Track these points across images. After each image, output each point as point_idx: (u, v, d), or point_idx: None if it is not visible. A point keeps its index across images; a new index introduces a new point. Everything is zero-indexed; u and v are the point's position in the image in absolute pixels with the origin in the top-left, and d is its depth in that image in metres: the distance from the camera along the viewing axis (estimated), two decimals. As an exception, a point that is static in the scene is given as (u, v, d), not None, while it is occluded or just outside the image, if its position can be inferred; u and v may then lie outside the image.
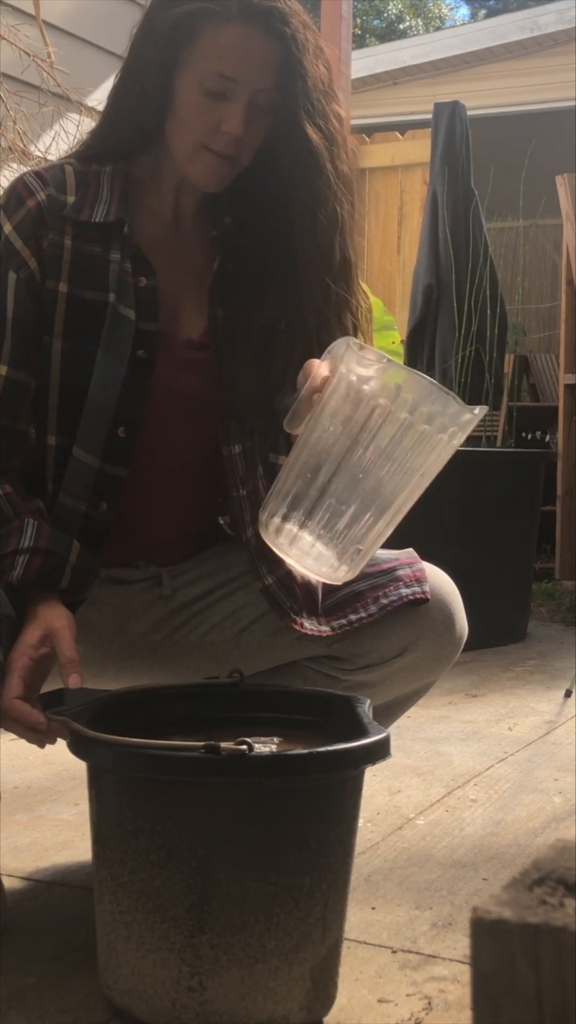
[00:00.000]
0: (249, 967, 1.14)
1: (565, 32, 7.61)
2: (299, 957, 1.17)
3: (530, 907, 0.53)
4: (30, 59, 3.35)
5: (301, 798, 1.17)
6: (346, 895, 1.24)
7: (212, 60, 1.38)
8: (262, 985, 1.15)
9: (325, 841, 1.18)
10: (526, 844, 1.83)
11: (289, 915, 1.15)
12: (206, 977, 1.14)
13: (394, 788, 2.10)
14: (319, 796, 1.18)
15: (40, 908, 1.55)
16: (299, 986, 1.17)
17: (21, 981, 1.33)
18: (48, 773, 2.17)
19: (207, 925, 1.13)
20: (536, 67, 7.76)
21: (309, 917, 1.17)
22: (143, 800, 1.17)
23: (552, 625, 4.15)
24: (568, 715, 2.73)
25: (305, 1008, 1.18)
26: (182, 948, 1.14)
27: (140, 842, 1.16)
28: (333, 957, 1.22)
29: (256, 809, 1.16)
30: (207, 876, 1.13)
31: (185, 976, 1.14)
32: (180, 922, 1.14)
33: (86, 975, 1.34)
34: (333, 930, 1.21)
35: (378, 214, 5.49)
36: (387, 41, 13.29)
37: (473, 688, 3.03)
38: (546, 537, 4.83)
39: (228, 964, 1.14)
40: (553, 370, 6.22)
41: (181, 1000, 1.15)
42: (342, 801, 1.21)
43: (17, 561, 1.37)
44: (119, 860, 1.18)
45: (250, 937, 1.14)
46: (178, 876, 1.14)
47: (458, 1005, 1.27)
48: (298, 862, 1.16)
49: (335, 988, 1.25)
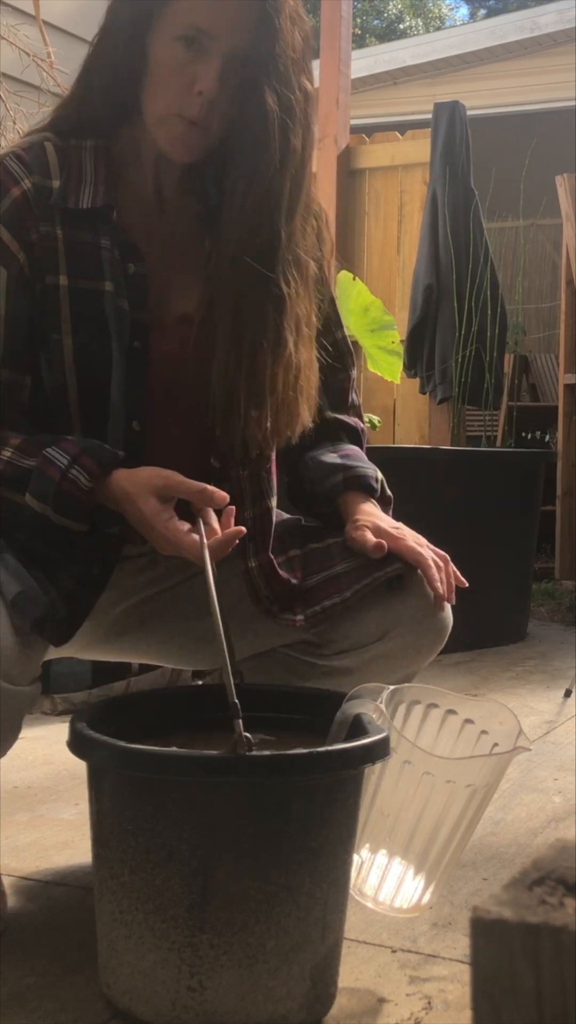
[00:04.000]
0: (249, 967, 1.14)
1: (565, 32, 7.61)
2: (299, 957, 1.17)
3: (530, 907, 0.53)
4: (30, 59, 3.35)
5: (302, 798, 1.17)
6: (346, 894, 1.24)
7: (187, 14, 1.37)
8: (262, 985, 1.15)
9: (326, 841, 1.18)
10: (526, 844, 1.83)
11: (289, 915, 1.15)
12: (206, 977, 1.14)
13: (394, 788, 2.10)
14: (320, 796, 1.18)
15: (40, 908, 1.55)
16: (299, 986, 1.17)
17: (21, 981, 1.33)
18: (48, 773, 2.17)
19: (207, 925, 1.13)
20: (536, 67, 7.77)
21: (309, 917, 1.17)
22: (143, 800, 1.17)
23: (552, 625, 4.15)
24: (568, 715, 2.73)
25: (305, 1007, 1.18)
26: (182, 948, 1.14)
27: (140, 842, 1.15)
28: (333, 957, 1.22)
29: (256, 809, 1.15)
30: (207, 876, 1.13)
31: (185, 976, 1.14)
32: (180, 922, 1.14)
33: (86, 975, 1.34)
34: (333, 930, 1.21)
35: (378, 214, 5.48)
36: (387, 41, 13.30)
37: (473, 688, 3.03)
38: (546, 537, 4.83)
39: (228, 964, 1.13)
40: (553, 370, 6.23)
41: (181, 1000, 1.14)
42: (343, 801, 1.20)
43: (72, 475, 1.36)
44: (119, 860, 1.18)
45: (250, 937, 1.14)
46: (178, 876, 1.13)
47: (458, 1005, 1.27)
48: (298, 862, 1.16)
49: (335, 988, 1.25)
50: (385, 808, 1.32)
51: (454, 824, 1.32)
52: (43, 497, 1.36)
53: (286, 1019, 1.17)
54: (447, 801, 1.31)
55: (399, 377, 4.24)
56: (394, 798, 1.31)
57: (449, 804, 1.31)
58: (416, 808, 1.31)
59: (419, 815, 1.32)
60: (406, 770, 1.30)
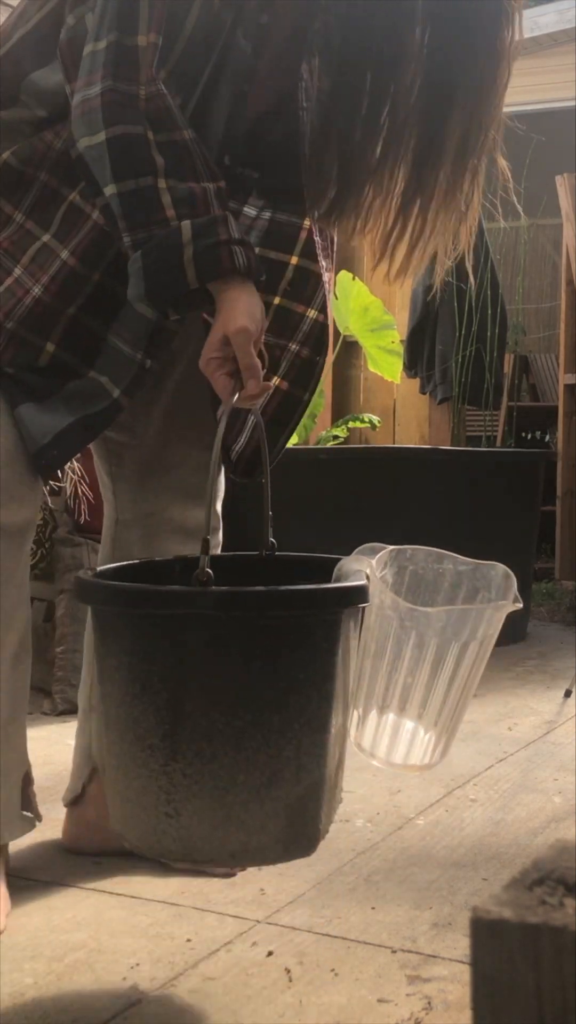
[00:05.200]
0: (220, 798, 1.19)
1: (565, 32, 7.61)
2: (271, 794, 1.21)
3: (530, 907, 0.53)
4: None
5: (267, 636, 1.21)
6: (326, 741, 1.26)
7: None
8: (234, 816, 1.20)
9: (295, 682, 1.22)
10: (526, 844, 1.83)
11: (259, 751, 1.19)
12: (180, 804, 1.20)
13: (394, 788, 2.10)
14: (289, 636, 1.22)
15: (40, 908, 1.55)
16: (273, 822, 1.21)
17: (21, 981, 1.33)
18: (48, 773, 2.17)
19: (179, 755, 1.19)
20: (536, 67, 7.76)
21: (281, 755, 1.21)
22: (121, 635, 1.24)
23: (552, 625, 4.15)
24: (568, 715, 2.74)
25: (281, 843, 1.23)
26: (158, 776, 1.20)
27: (121, 676, 1.23)
28: (312, 799, 1.25)
29: (220, 644, 1.20)
30: (177, 708, 1.19)
31: (162, 802, 1.20)
32: (156, 751, 1.20)
33: (86, 975, 1.34)
34: (310, 772, 1.24)
35: (378, 214, 5.48)
36: (387, 41, 13.26)
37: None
38: (546, 537, 4.83)
39: (200, 793, 1.19)
40: (553, 370, 6.22)
41: (160, 825, 1.21)
42: (314, 644, 1.23)
43: (235, 249, 1.37)
44: (108, 695, 1.26)
45: (220, 769, 1.19)
46: (152, 707, 1.20)
47: (458, 1005, 1.27)
48: (266, 700, 1.20)
49: (316, 832, 1.27)
50: (379, 666, 1.34)
51: (448, 680, 1.33)
52: (201, 236, 1.36)
53: (261, 851, 1.23)
54: (437, 657, 1.31)
55: (399, 377, 4.24)
56: (387, 656, 1.33)
57: (439, 660, 1.31)
58: (409, 666, 1.32)
59: (413, 672, 1.33)
60: (395, 627, 1.31)
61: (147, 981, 1.34)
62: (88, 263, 1.49)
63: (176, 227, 1.36)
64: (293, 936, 1.46)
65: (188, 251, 1.36)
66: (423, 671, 1.32)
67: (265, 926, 1.49)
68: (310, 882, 1.63)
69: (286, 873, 1.66)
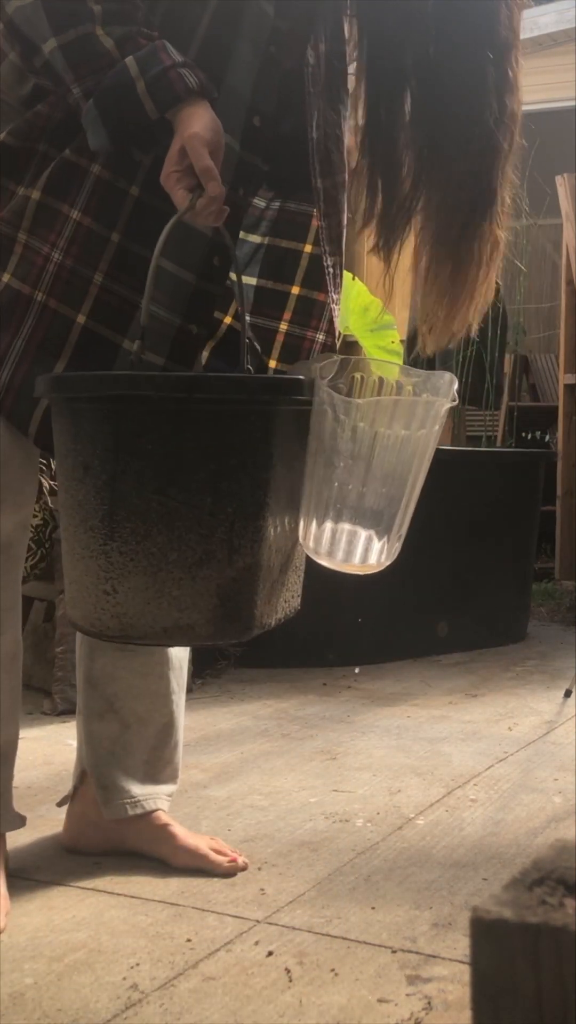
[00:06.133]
0: (153, 575, 1.25)
1: (565, 32, 7.61)
2: (203, 573, 1.26)
3: (530, 907, 0.53)
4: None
5: (196, 421, 1.26)
6: (262, 527, 1.28)
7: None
8: (166, 593, 1.26)
9: (227, 467, 1.26)
10: (526, 844, 1.83)
11: (190, 531, 1.25)
12: (117, 582, 1.26)
13: (394, 788, 2.10)
14: (219, 421, 1.26)
15: (40, 908, 1.55)
16: (204, 600, 1.27)
17: (21, 981, 1.33)
18: (48, 773, 2.17)
19: (116, 534, 1.26)
20: (536, 67, 7.75)
21: (213, 536, 1.26)
22: (69, 424, 1.30)
23: (552, 625, 4.15)
24: (568, 715, 2.73)
25: (212, 623, 1.28)
26: (98, 556, 1.27)
27: (69, 462, 1.29)
28: (247, 584, 1.28)
29: (152, 428, 1.25)
30: (114, 488, 1.25)
31: (101, 581, 1.27)
32: (96, 532, 1.27)
33: (86, 975, 1.34)
34: (243, 556, 1.27)
35: (378, 214, 5.48)
36: (387, 41, 13.26)
37: (473, 688, 3.03)
38: (546, 537, 4.83)
39: (135, 571, 1.26)
40: (553, 370, 6.22)
41: (100, 603, 1.28)
42: (246, 431, 1.27)
43: (182, 72, 1.37)
44: (62, 485, 1.32)
45: (153, 547, 1.25)
46: (93, 489, 1.27)
47: (458, 1005, 1.27)
48: (197, 482, 1.25)
49: (251, 617, 1.30)
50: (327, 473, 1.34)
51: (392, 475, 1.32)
52: (147, 67, 1.36)
53: (192, 629, 1.28)
54: (380, 451, 1.31)
55: (399, 377, 4.23)
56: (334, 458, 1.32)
57: (383, 454, 1.31)
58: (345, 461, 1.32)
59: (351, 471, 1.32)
60: (330, 419, 1.31)
61: (147, 981, 1.34)
62: (104, 223, 1.45)
63: (122, 66, 1.36)
64: (293, 936, 1.46)
65: (140, 84, 1.37)
66: (359, 466, 1.32)
67: (265, 926, 1.49)
68: (310, 882, 1.64)
69: (286, 873, 1.66)
